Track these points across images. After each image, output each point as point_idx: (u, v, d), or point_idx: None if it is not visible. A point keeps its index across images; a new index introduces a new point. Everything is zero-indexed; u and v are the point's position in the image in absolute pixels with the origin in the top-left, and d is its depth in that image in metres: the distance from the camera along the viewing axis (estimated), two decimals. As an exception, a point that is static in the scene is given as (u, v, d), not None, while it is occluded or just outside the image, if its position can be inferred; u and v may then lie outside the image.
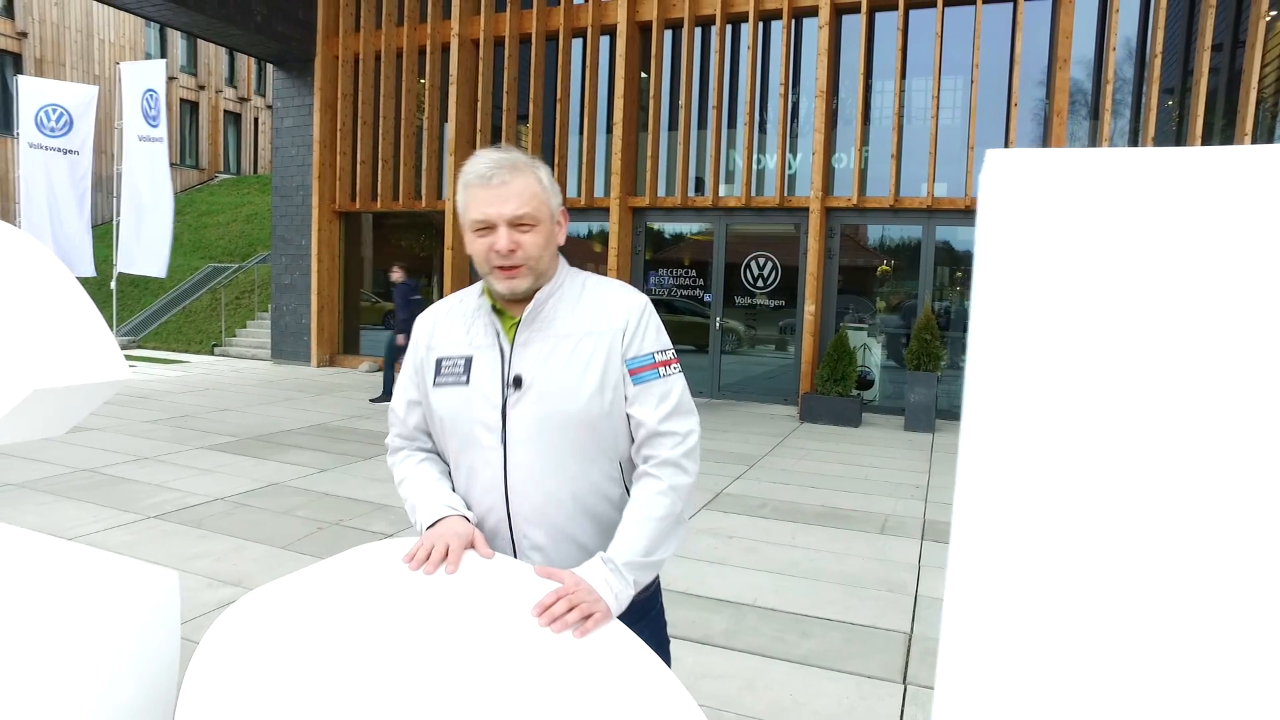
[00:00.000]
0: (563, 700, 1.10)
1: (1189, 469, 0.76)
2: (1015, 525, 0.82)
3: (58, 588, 1.59)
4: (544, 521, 1.40)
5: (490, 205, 1.35)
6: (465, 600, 1.26)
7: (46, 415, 1.58)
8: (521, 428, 1.38)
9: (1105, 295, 0.78)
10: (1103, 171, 0.79)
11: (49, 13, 20.60)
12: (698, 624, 3.37)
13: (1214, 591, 0.76)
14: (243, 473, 5.75)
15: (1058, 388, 0.79)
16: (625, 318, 1.41)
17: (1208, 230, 0.75)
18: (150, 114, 12.35)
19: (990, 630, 0.83)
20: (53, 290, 1.64)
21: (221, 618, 1.25)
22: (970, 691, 0.84)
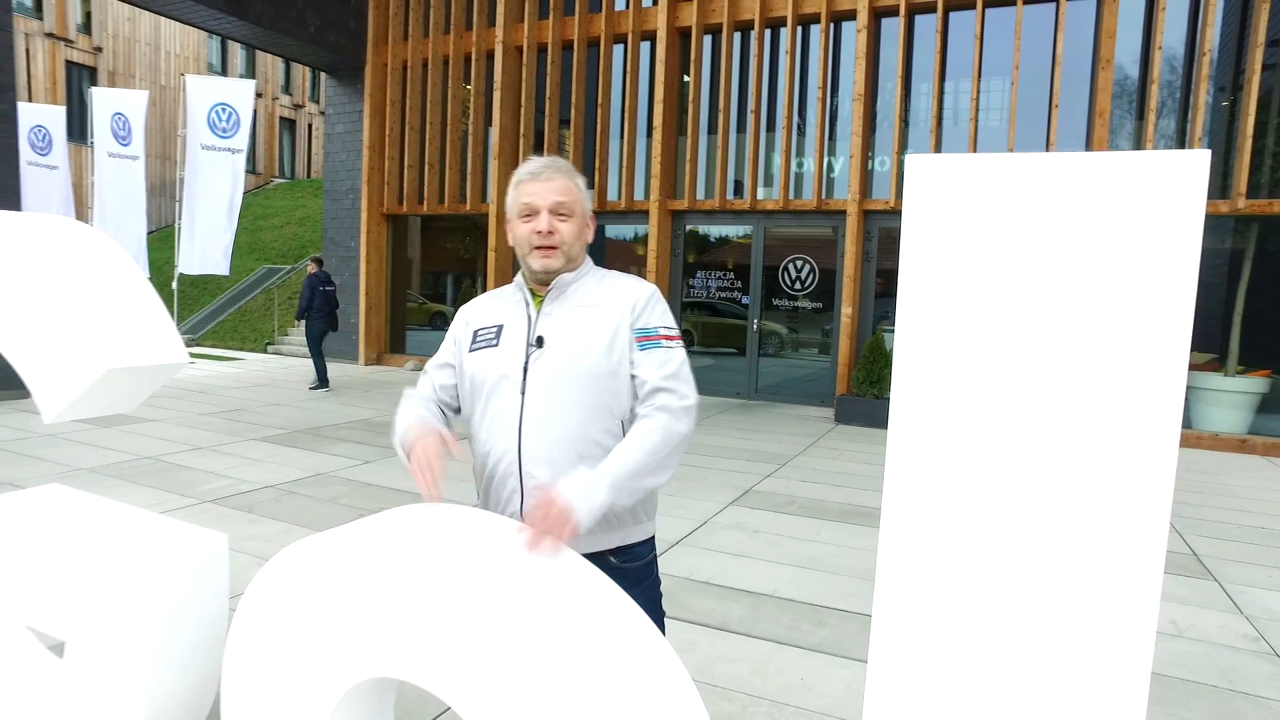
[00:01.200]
0: (553, 655, 1.24)
1: (1079, 439, 0.88)
2: (942, 485, 0.94)
3: (130, 544, 1.79)
4: (548, 462, 1.59)
5: (536, 194, 1.62)
6: (471, 559, 1.41)
7: (116, 393, 1.78)
8: (538, 380, 1.60)
9: (1008, 282, 0.90)
10: (1006, 175, 0.91)
11: (122, 27, 21.59)
12: (716, 612, 3.49)
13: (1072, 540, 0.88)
14: (291, 463, 6.04)
15: (965, 362, 0.91)
16: (636, 297, 1.65)
17: (1093, 224, 0.86)
18: (219, 127, 12.73)
19: (917, 589, 0.96)
20: (123, 283, 1.84)
21: (266, 567, 1.43)
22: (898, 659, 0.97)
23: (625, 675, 1.25)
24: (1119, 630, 0.90)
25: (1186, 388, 5.04)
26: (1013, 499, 0.93)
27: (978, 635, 0.96)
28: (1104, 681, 0.91)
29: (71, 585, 1.81)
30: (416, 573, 1.34)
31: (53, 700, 1.97)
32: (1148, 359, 0.86)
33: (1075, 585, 0.92)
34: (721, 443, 7.43)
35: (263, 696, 1.47)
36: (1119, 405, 0.87)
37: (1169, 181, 0.84)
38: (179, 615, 1.79)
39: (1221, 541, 4.87)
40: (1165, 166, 0.83)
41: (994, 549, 0.94)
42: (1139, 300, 0.85)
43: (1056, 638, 0.93)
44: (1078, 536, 0.92)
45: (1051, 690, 0.93)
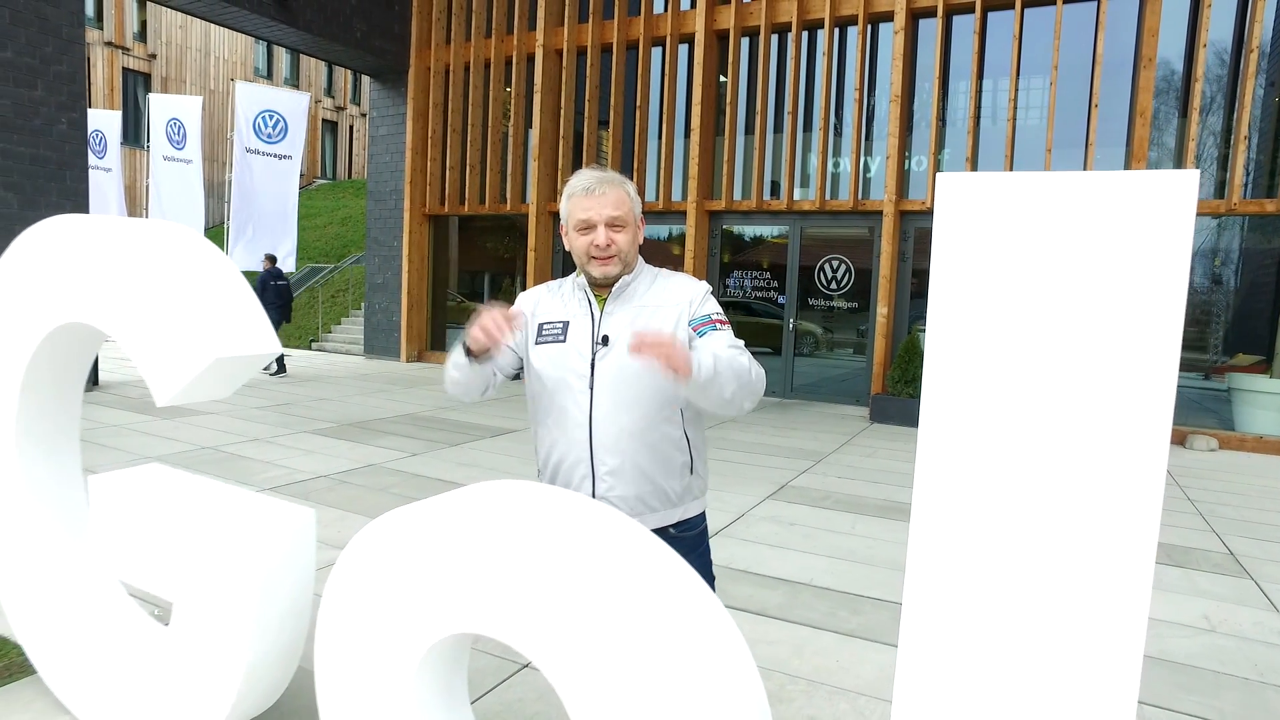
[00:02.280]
0: (619, 612, 1.40)
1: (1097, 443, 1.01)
2: (966, 477, 1.08)
3: (232, 516, 1.99)
4: (618, 450, 1.75)
5: (591, 210, 1.75)
6: (548, 527, 1.57)
7: (219, 379, 1.98)
8: (606, 376, 1.76)
9: (1024, 291, 1.03)
10: (1023, 192, 1.04)
11: (174, 35, 22.31)
12: (755, 598, 3.63)
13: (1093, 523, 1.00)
14: (341, 454, 6.29)
15: (986, 364, 1.05)
16: (691, 294, 1.81)
17: (1095, 238, 0.99)
18: (264, 132, 13.01)
19: (948, 579, 1.09)
20: (223, 280, 2.04)
21: (360, 533, 1.61)
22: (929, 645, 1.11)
23: (682, 628, 1.40)
24: (1113, 610, 1.03)
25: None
26: (1027, 488, 1.06)
27: (998, 616, 1.09)
28: (1100, 655, 1.04)
29: (180, 552, 2.02)
30: (498, 538, 1.51)
31: (160, 661, 2.18)
32: (1142, 360, 0.98)
33: (1077, 569, 1.05)
34: (758, 440, 7.54)
35: (355, 650, 1.65)
36: (1117, 402, 1.00)
37: (1162, 199, 0.96)
38: (274, 581, 1.98)
39: (1261, 542, 4.87)
40: (1158, 185, 0.95)
41: (1010, 533, 1.07)
42: (1135, 308, 0.98)
43: (1061, 616, 1.06)
44: (1080, 523, 1.04)
45: (1055, 666, 1.06)
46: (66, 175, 8.06)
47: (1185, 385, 8.82)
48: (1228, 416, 8.42)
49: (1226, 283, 8.62)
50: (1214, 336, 8.66)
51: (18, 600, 2.46)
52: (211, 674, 2.01)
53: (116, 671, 2.29)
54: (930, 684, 1.16)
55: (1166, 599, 3.82)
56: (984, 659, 1.11)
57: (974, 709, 1.12)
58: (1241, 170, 7.89)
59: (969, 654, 1.12)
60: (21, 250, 2.24)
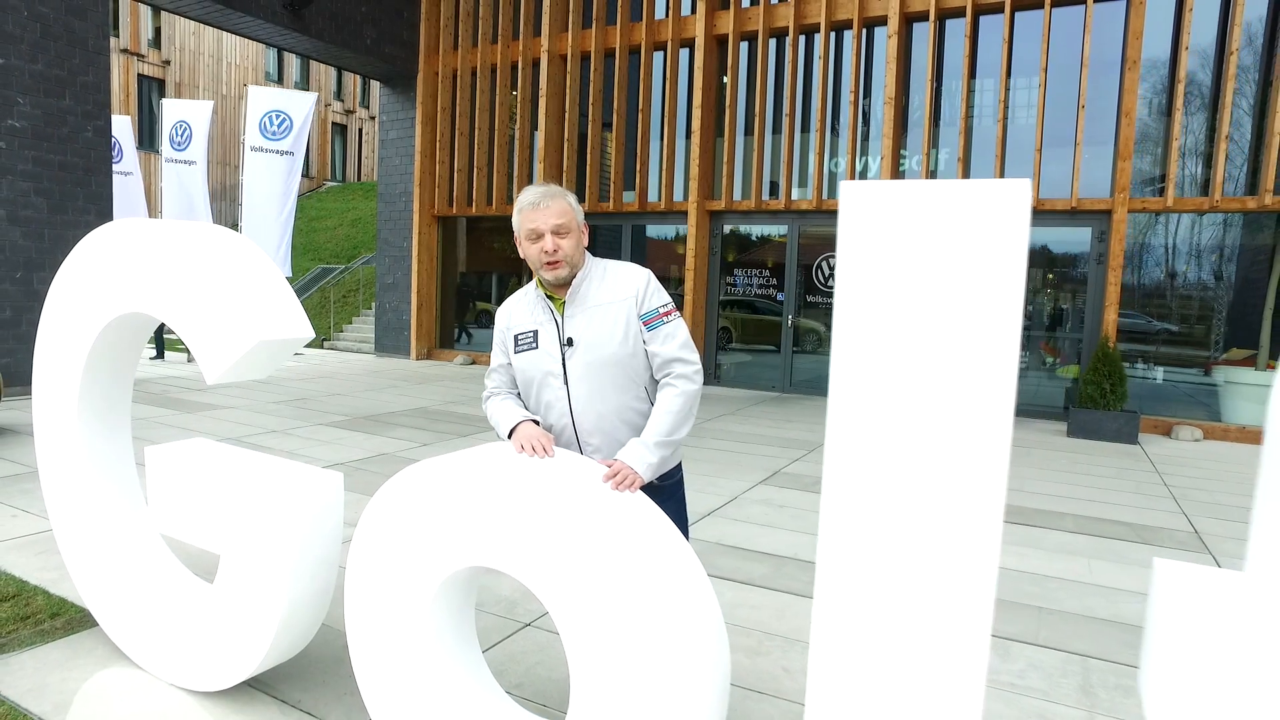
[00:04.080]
0: (607, 548, 1.70)
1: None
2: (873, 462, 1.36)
3: (272, 479, 2.30)
4: (598, 431, 2.05)
5: (538, 220, 2.05)
6: (561, 475, 1.87)
7: (261, 360, 2.28)
8: (576, 372, 2.06)
9: (903, 285, 1.32)
10: (903, 198, 1.32)
11: (188, 41, 22.73)
12: (741, 569, 3.92)
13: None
14: (356, 445, 6.61)
15: (882, 350, 1.33)
16: (636, 288, 2.07)
17: (950, 237, 1.28)
18: (269, 130, 13.31)
19: (853, 549, 1.38)
20: (262, 272, 2.35)
21: (389, 481, 1.91)
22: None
23: (656, 561, 1.70)
24: (969, 546, 1.31)
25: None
26: (908, 448, 1.32)
27: (890, 555, 1.36)
28: (961, 596, 1.32)
29: (228, 511, 2.33)
30: (502, 486, 1.81)
31: (205, 611, 2.49)
32: (986, 347, 1.27)
33: (946, 525, 1.32)
34: (755, 431, 7.83)
35: (381, 580, 1.96)
36: (973, 378, 1.28)
37: (1001, 205, 1.24)
38: (308, 534, 2.29)
39: (1226, 522, 5.13)
40: (997, 193, 1.24)
41: (898, 486, 1.35)
42: (982, 299, 1.26)
43: (931, 557, 1.33)
44: (949, 484, 1.32)
45: (925, 603, 1.33)
46: (92, 181, 8.41)
47: (1177, 380, 9.06)
48: (1216, 409, 8.65)
49: (1227, 279, 8.83)
50: (1215, 332, 8.86)
51: (80, 560, 2.78)
52: (252, 618, 2.31)
53: (166, 622, 2.61)
54: (839, 630, 1.42)
55: (1126, 570, 4.10)
56: (877, 596, 1.39)
57: (871, 643, 1.41)
58: (1223, 168, 8.13)
59: (866, 589, 1.40)
60: (85, 251, 2.56)
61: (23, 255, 7.98)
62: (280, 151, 13.20)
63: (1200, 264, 8.83)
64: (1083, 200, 8.77)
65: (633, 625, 1.62)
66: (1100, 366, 8.06)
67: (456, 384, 10.76)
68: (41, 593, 3.20)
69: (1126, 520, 5.12)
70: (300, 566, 2.28)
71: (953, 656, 1.34)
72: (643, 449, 1.91)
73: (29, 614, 2.99)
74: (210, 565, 2.97)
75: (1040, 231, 9.46)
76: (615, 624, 1.64)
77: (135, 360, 2.81)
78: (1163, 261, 8.98)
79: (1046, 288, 9.67)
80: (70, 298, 2.60)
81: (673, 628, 1.62)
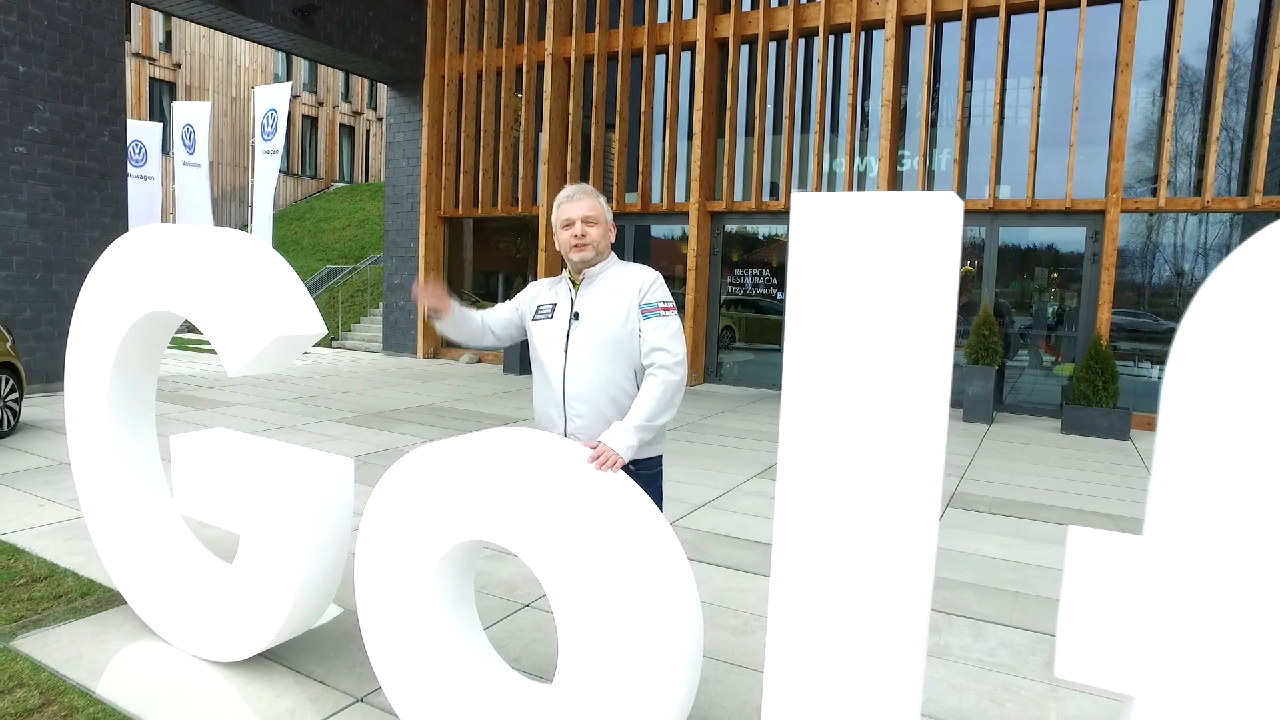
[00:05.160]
0: (591, 522, 1.89)
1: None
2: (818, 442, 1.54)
3: (287, 463, 2.50)
4: (585, 400, 2.28)
5: (571, 210, 2.34)
6: (551, 456, 2.06)
7: (276, 355, 2.48)
8: (577, 343, 2.31)
9: (847, 289, 1.50)
10: (847, 210, 1.50)
11: (198, 44, 23.02)
12: (732, 557, 4.10)
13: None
14: (365, 440, 6.81)
15: (828, 349, 1.51)
16: (642, 281, 2.32)
17: (888, 245, 1.45)
18: (267, 130, 13.50)
19: (807, 540, 1.56)
20: (277, 273, 2.54)
21: (397, 463, 2.10)
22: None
23: (633, 530, 1.89)
24: (911, 522, 1.48)
25: None
26: (853, 438, 1.50)
27: (837, 531, 1.54)
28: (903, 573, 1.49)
29: (248, 492, 2.52)
30: (500, 466, 2.00)
31: (226, 587, 2.69)
32: (921, 343, 1.44)
33: (890, 507, 1.49)
34: (754, 427, 8.01)
35: (389, 551, 2.15)
36: (913, 376, 1.46)
37: (934, 216, 1.42)
38: (322, 514, 2.48)
39: (1207, 514, 5.27)
40: (932, 205, 1.42)
41: (845, 476, 1.52)
42: (917, 300, 1.43)
43: (876, 532, 1.50)
44: (892, 473, 1.49)
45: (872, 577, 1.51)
46: (108, 184, 8.65)
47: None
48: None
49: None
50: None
51: (110, 543, 2.99)
52: (269, 592, 2.51)
53: (189, 598, 2.81)
54: (794, 602, 1.60)
55: (1103, 558, 4.26)
56: (827, 572, 1.57)
57: (822, 610, 1.59)
58: (1214, 169, 8.26)
59: (817, 562, 1.58)
60: (115, 254, 2.76)
61: (42, 257, 8.22)
62: (268, 151, 13.26)
63: (1195, 262, 8.96)
64: (1077, 200, 8.92)
65: (613, 585, 1.81)
66: (1093, 364, 8.21)
67: (462, 382, 10.97)
68: (71, 574, 3.41)
69: (1110, 512, 5.28)
70: (315, 543, 2.47)
71: (892, 619, 1.52)
72: (624, 432, 2.10)
73: (61, 593, 3.20)
74: (228, 548, 3.18)
75: (1037, 231, 9.62)
76: (597, 584, 1.82)
77: (160, 356, 3.02)
78: (1157, 260, 9.12)
79: (1051, 287, 9.81)
80: (101, 298, 2.80)
81: (648, 588, 1.81)
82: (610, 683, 1.83)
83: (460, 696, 2.13)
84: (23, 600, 3.11)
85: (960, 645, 3.19)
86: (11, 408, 6.36)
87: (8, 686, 2.46)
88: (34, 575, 3.37)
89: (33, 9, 7.88)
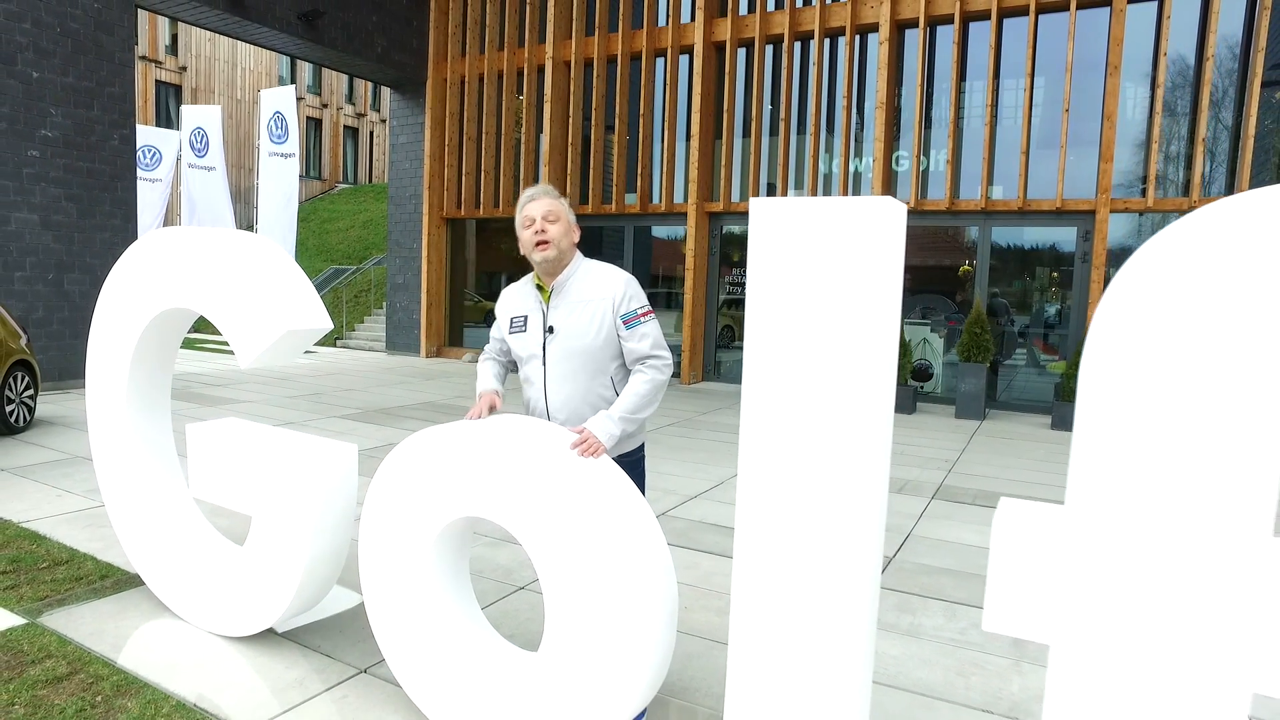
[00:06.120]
0: (577, 501, 2.06)
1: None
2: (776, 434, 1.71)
3: (295, 449, 2.68)
4: (566, 409, 2.40)
5: (531, 210, 2.42)
6: (541, 441, 2.23)
7: (287, 348, 2.66)
8: (554, 356, 2.42)
9: (801, 291, 1.67)
10: (800, 215, 1.67)
11: (204, 48, 23.26)
12: (720, 544, 4.28)
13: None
14: (369, 435, 7.00)
15: (792, 363, 1.68)
16: (614, 290, 2.40)
17: (838, 246, 1.62)
18: (276, 133, 13.72)
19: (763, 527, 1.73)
20: (285, 270, 2.72)
21: (398, 446, 2.28)
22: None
23: (618, 512, 2.06)
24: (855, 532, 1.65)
25: None
26: (809, 428, 1.66)
27: (796, 523, 1.71)
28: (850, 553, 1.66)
29: (259, 477, 2.71)
30: (492, 450, 2.18)
31: (237, 566, 2.88)
32: (867, 337, 1.61)
33: (840, 492, 1.66)
34: (748, 424, 8.17)
35: (390, 525, 2.33)
36: (855, 369, 1.62)
37: (880, 219, 1.59)
38: (328, 496, 2.66)
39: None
40: (878, 209, 1.59)
41: (798, 458, 1.69)
42: (864, 298, 1.60)
43: (828, 517, 1.67)
44: (845, 467, 1.66)
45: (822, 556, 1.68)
46: (118, 186, 8.85)
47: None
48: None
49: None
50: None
51: (129, 528, 3.17)
52: (279, 570, 2.69)
53: (203, 578, 2.99)
54: (754, 575, 1.77)
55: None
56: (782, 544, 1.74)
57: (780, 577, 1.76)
58: (1201, 170, 8.42)
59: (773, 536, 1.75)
60: (133, 256, 2.95)
61: (54, 258, 8.43)
62: (284, 154, 13.51)
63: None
64: (1067, 201, 9.07)
65: (593, 558, 1.98)
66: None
67: (464, 380, 11.16)
68: (91, 559, 3.60)
69: (1090, 504, 5.43)
70: (321, 524, 2.65)
71: (841, 588, 1.69)
72: (607, 421, 2.26)
73: (81, 575, 3.38)
74: (239, 535, 3.36)
75: (1030, 231, 9.77)
76: (579, 557, 2.00)
77: (175, 351, 3.20)
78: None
79: (1052, 286, 9.96)
80: (121, 296, 2.99)
81: (626, 562, 1.98)
82: (590, 647, 2.00)
83: (456, 665, 2.31)
84: (46, 582, 3.30)
85: (933, 625, 3.36)
86: (27, 404, 6.56)
87: (38, 657, 2.64)
88: (55, 559, 3.56)
89: (46, 16, 8.09)
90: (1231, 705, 1.35)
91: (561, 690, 2.07)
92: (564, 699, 2.07)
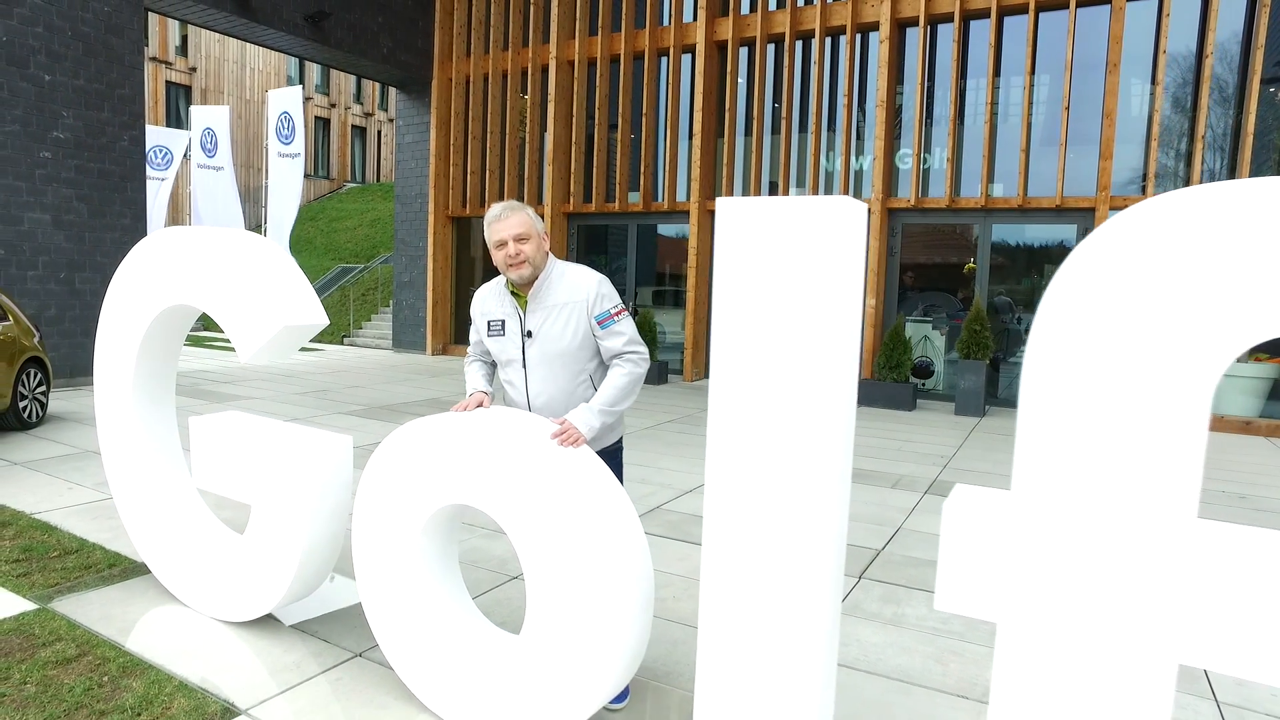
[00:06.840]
0: (560, 489, 2.16)
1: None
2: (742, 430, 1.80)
3: (294, 440, 2.78)
4: (548, 409, 2.50)
5: (502, 230, 2.45)
6: (524, 431, 2.33)
7: (282, 344, 2.76)
8: (533, 360, 2.51)
9: (767, 289, 1.75)
10: (767, 215, 1.76)
11: (213, 49, 23.47)
12: (712, 536, 4.36)
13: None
14: (374, 432, 7.12)
15: (754, 361, 1.77)
16: (587, 292, 2.48)
17: (802, 245, 1.71)
18: (284, 133, 13.84)
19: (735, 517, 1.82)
20: (283, 268, 2.82)
21: (389, 435, 2.38)
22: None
23: (597, 500, 2.16)
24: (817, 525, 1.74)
25: None
26: (772, 424, 1.75)
27: (760, 515, 1.79)
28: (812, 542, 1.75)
29: (260, 467, 2.81)
30: (477, 440, 2.28)
31: (238, 554, 2.98)
32: (830, 332, 1.69)
33: (803, 487, 1.75)
34: (747, 420, 8.25)
35: (382, 511, 2.43)
36: (818, 363, 1.70)
37: (841, 219, 1.67)
38: (325, 485, 2.77)
39: (1177, 500, 5.48)
40: (839, 209, 1.67)
41: (766, 460, 1.78)
42: (827, 295, 1.68)
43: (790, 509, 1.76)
44: (809, 461, 1.74)
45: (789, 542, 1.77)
46: (128, 187, 9.01)
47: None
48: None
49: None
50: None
51: (135, 518, 3.29)
52: (277, 557, 2.80)
53: (206, 567, 3.10)
54: (720, 561, 1.86)
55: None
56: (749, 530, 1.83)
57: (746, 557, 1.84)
58: (1200, 167, 8.44)
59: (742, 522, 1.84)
60: (138, 255, 3.06)
61: (65, 257, 8.59)
62: (292, 155, 13.62)
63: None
64: (1067, 198, 9.11)
65: (572, 543, 2.08)
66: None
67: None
68: (99, 548, 3.72)
69: (1082, 498, 5.49)
70: (318, 512, 2.76)
71: (803, 572, 1.77)
72: (588, 413, 2.35)
73: (90, 564, 3.51)
74: (242, 525, 3.47)
75: (1030, 229, 9.80)
76: (559, 542, 2.09)
77: (179, 347, 3.31)
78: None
79: (1046, 282, 9.98)
80: (126, 294, 3.10)
81: (603, 547, 2.08)
82: (567, 628, 2.10)
83: (444, 647, 2.41)
84: (56, 570, 3.42)
85: (916, 615, 3.44)
86: (40, 400, 6.71)
87: (49, 640, 2.76)
88: (65, 549, 3.69)
89: (58, 20, 8.24)
90: (1161, 675, 1.44)
91: (541, 670, 2.17)
92: (544, 678, 2.17)
